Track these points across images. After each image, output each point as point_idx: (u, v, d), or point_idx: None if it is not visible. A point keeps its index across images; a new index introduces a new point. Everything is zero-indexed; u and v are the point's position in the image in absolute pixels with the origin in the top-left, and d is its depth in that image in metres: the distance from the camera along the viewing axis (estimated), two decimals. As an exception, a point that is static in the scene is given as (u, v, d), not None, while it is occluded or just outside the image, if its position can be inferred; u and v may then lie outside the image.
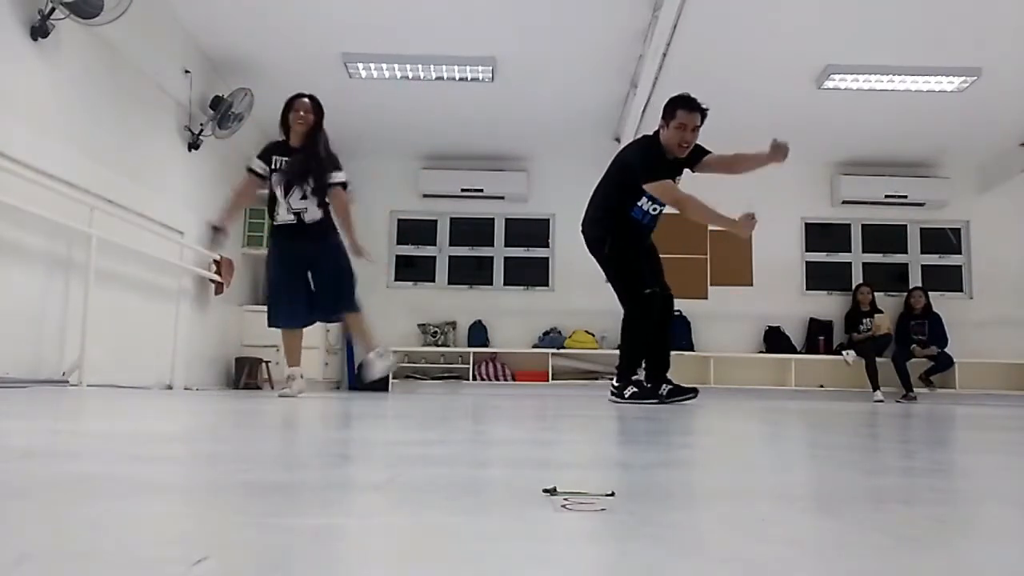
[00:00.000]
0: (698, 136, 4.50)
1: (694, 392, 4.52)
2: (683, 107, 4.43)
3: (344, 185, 4.57)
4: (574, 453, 1.54)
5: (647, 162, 4.44)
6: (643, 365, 4.62)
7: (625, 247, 4.56)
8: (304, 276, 4.58)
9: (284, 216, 4.56)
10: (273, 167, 4.57)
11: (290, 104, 4.58)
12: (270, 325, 4.68)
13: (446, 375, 8.43)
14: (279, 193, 4.55)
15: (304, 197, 4.51)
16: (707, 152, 4.63)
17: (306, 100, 4.57)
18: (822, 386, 8.24)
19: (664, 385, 4.50)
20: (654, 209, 4.55)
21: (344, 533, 0.66)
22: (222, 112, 6.45)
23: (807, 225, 8.95)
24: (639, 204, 4.52)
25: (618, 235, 4.56)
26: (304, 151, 4.52)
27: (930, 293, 8.55)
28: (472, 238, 9.00)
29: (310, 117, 4.53)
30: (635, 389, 4.47)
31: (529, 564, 0.56)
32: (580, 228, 4.77)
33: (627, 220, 4.56)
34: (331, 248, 4.58)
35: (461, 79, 6.90)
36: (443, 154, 8.74)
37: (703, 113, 4.45)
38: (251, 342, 7.41)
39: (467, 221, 9.00)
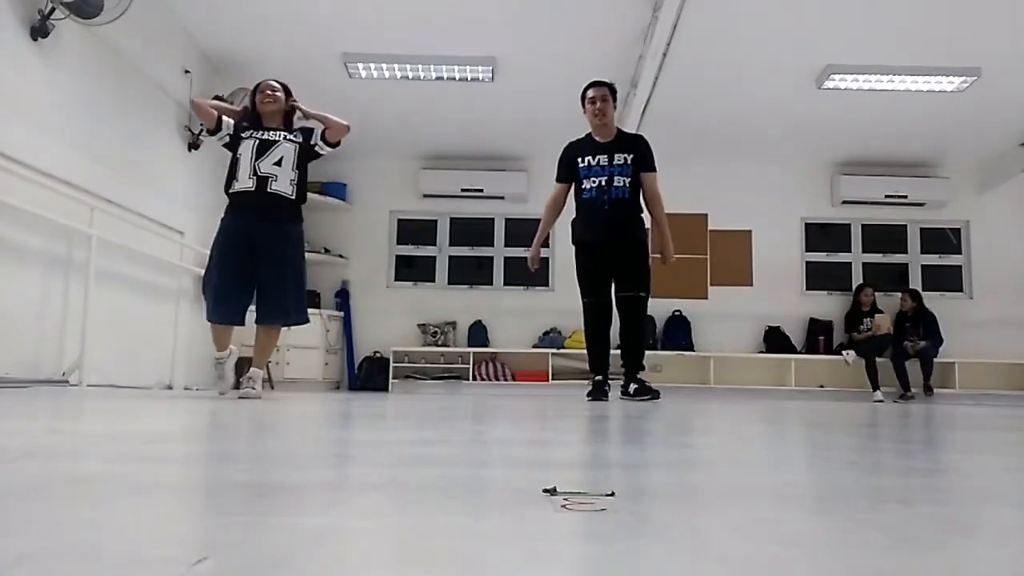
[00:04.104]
0: (609, 107, 4.75)
1: (603, 397, 4.63)
2: (589, 88, 4.81)
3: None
4: (574, 453, 1.54)
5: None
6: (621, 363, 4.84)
7: (576, 252, 4.80)
8: (247, 261, 3.93)
9: (244, 182, 3.96)
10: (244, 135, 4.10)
11: (255, 89, 4.34)
12: (207, 318, 4.14)
13: (446, 375, 8.42)
14: (247, 155, 3.98)
15: (279, 163, 3.98)
16: (650, 166, 4.71)
17: (273, 82, 4.35)
18: (822, 386, 8.23)
19: (631, 384, 4.67)
20: (592, 183, 4.67)
21: (344, 533, 0.66)
22: (222, 112, 6.44)
23: (807, 225, 8.95)
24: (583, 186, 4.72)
25: (573, 235, 4.83)
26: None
27: (931, 293, 8.56)
28: (472, 238, 8.99)
29: (279, 96, 4.27)
30: (589, 386, 4.75)
31: (529, 564, 0.56)
32: None
33: (578, 211, 4.77)
34: (288, 236, 4.02)
35: (461, 79, 6.90)
36: (443, 154, 8.74)
37: (607, 86, 4.81)
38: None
39: (467, 221, 8.99)
